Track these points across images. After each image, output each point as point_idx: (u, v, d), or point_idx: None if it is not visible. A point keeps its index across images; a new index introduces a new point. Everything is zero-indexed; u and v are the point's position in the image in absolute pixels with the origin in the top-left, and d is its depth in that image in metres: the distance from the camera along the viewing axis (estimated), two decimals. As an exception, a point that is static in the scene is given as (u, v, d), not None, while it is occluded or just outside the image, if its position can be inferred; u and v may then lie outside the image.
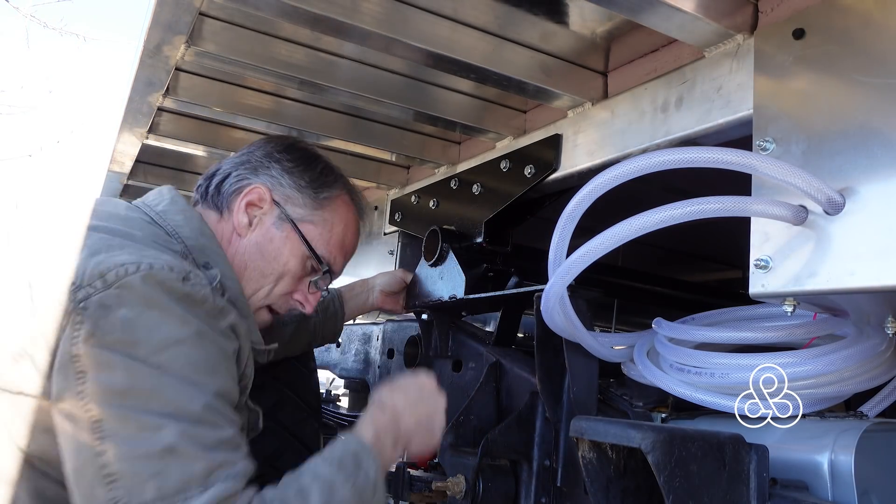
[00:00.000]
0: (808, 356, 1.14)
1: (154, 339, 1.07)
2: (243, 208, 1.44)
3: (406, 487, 1.60)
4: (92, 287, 1.07)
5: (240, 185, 1.45)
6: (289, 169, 1.48)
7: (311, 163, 1.52)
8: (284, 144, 1.53)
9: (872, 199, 0.96)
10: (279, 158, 1.48)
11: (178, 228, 1.33)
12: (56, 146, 10.45)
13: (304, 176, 1.49)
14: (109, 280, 1.07)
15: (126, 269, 1.08)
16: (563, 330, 1.36)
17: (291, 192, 1.47)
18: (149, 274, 1.09)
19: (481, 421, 1.61)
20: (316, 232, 1.49)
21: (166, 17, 1.36)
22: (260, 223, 1.45)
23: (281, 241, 1.45)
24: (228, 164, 1.50)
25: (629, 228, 1.03)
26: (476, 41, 1.44)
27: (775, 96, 1.13)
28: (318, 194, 1.49)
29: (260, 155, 1.49)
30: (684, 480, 0.99)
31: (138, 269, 1.09)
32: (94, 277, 1.07)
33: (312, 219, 1.49)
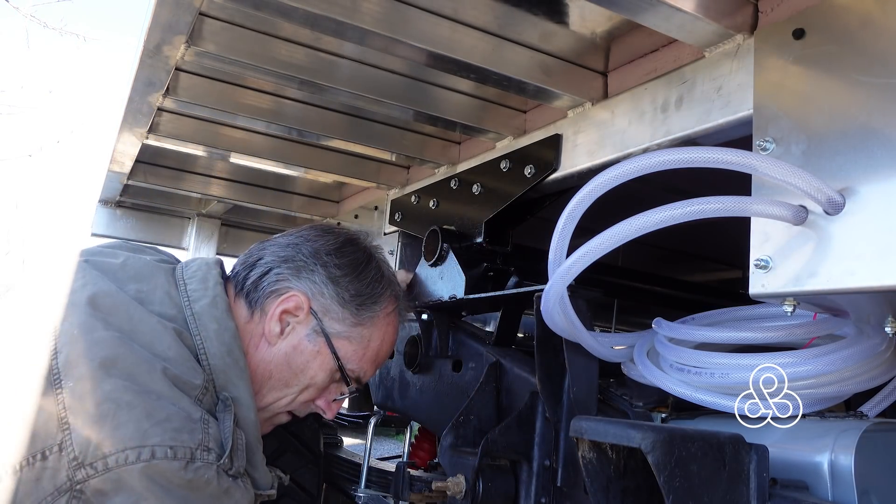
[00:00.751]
0: (808, 356, 1.14)
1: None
2: (277, 316, 1.36)
3: (406, 487, 1.60)
4: (92, 468, 1.04)
5: (278, 288, 1.36)
6: (335, 277, 1.39)
7: (361, 272, 1.42)
8: (337, 243, 1.42)
9: (872, 199, 0.96)
10: (326, 262, 1.39)
11: (207, 342, 1.26)
12: (56, 146, 10.46)
13: (350, 288, 1.40)
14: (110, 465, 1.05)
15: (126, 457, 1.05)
16: (563, 330, 1.36)
17: (332, 304, 1.39)
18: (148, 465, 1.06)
19: (481, 421, 1.61)
20: (351, 349, 1.42)
21: (166, 17, 1.36)
22: (292, 332, 1.37)
23: (311, 355, 1.39)
24: (271, 257, 1.39)
25: (629, 228, 1.03)
26: (476, 41, 1.44)
27: (775, 96, 1.13)
28: (360, 313, 1.41)
29: (307, 253, 1.39)
30: (684, 480, 0.99)
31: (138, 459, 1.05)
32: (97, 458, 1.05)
33: (350, 335, 1.41)
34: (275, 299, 1.36)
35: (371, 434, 2.14)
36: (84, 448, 1.05)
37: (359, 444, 2.75)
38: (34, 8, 8.73)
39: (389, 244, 2.41)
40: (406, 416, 2.15)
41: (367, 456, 2.06)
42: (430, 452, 2.28)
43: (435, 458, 2.16)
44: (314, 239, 1.42)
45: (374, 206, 2.57)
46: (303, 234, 1.43)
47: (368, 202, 2.64)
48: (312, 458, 2.11)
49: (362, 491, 1.96)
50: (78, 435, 1.06)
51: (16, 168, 10.19)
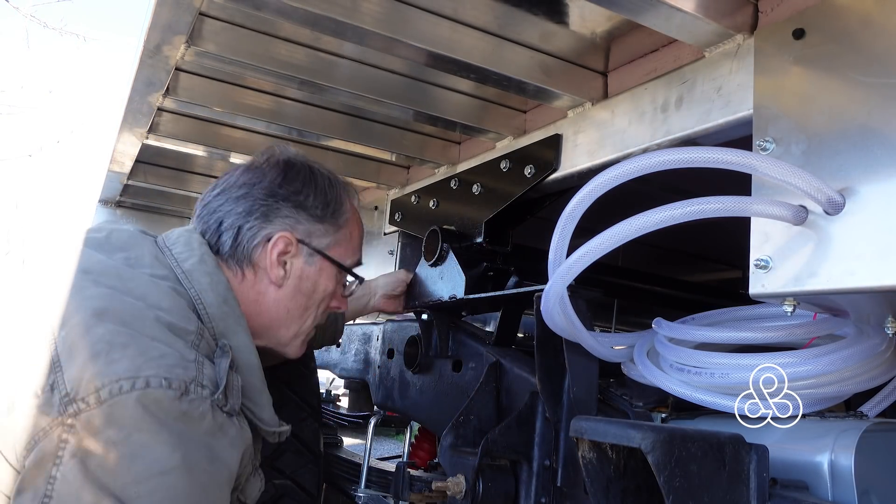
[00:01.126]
0: (808, 356, 1.14)
1: (135, 469, 1.01)
2: (277, 262, 1.39)
3: (406, 487, 1.60)
4: (84, 402, 1.02)
5: (258, 241, 1.38)
6: (299, 203, 1.42)
7: (315, 185, 1.46)
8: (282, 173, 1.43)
9: (872, 199, 0.96)
10: (285, 195, 1.41)
11: (203, 294, 1.28)
12: (56, 146, 10.46)
13: (317, 203, 1.44)
14: (103, 397, 1.02)
15: (120, 387, 1.03)
16: (563, 330, 1.36)
17: (311, 225, 1.43)
18: (143, 394, 1.03)
19: (481, 421, 1.61)
20: (342, 250, 1.49)
21: (166, 17, 1.36)
22: (292, 267, 1.41)
23: (316, 275, 1.45)
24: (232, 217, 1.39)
25: (629, 228, 1.03)
26: (476, 41, 1.44)
27: (775, 96, 1.13)
28: (336, 218, 1.47)
29: (263, 196, 1.40)
30: (684, 480, 0.99)
31: (133, 388, 1.03)
32: (89, 392, 1.02)
33: (337, 240, 1.48)
34: (263, 249, 1.39)
35: (371, 434, 2.14)
36: (76, 384, 1.03)
37: (359, 444, 2.75)
38: (34, 8, 8.73)
39: (389, 244, 2.41)
40: (406, 416, 2.15)
41: (367, 456, 2.06)
42: (430, 452, 2.29)
43: (435, 458, 2.16)
44: (259, 180, 1.42)
45: (374, 206, 2.57)
46: (244, 180, 1.43)
47: (368, 202, 2.64)
48: (312, 458, 2.11)
49: (362, 491, 1.96)
50: (70, 373, 1.04)
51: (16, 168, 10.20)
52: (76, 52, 15.02)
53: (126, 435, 1.01)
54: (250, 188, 1.41)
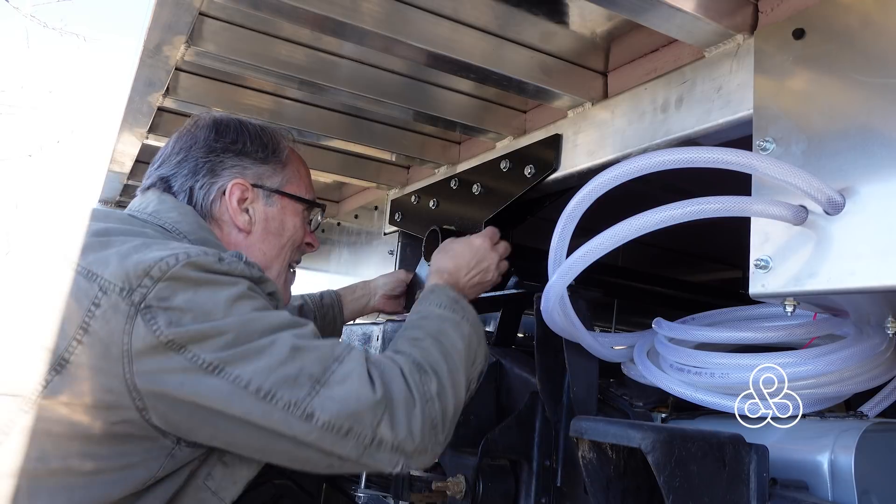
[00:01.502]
0: (808, 356, 1.14)
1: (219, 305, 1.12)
2: (237, 209, 1.43)
3: (406, 487, 1.60)
4: (143, 287, 1.09)
5: (213, 194, 1.43)
6: (239, 151, 1.46)
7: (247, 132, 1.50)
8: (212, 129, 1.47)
9: (872, 199, 0.96)
10: (224, 147, 1.45)
11: (177, 224, 1.33)
12: (56, 146, 10.45)
13: (256, 147, 1.48)
14: (155, 276, 1.10)
15: (167, 263, 1.11)
16: (563, 330, 1.36)
17: (258, 168, 1.48)
18: (188, 262, 1.12)
19: (481, 421, 1.61)
20: (295, 186, 1.53)
21: (166, 17, 1.36)
22: (255, 211, 1.46)
23: (280, 213, 1.50)
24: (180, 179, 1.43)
25: (629, 228, 1.03)
26: (476, 41, 1.44)
27: (775, 96, 1.13)
28: (278, 156, 1.51)
29: (203, 154, 1.44)
30: (684, 480, 0.99)
31: (177, 261, 1.12)
32: (141, 277, 1.10)
33: (287, 177, 1.52)
34: (221, 202, 1.43)
35: (371, 434, 2.13)
36: (124, 277, 1.10)
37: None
38: (34, 8, 8.72)
39: (389, 244, 2.41)
40: (406, 416, 2.14)
41: (367, 456, 2.06)
42: (430, 452, 2.28)
43: (435, 458, 2.15)
44: (194, 142, 1.46)
45: (374, 206, 2.56)
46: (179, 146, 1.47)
47: (368, 202, 2.64)
48: (312, 458, 2.11)
49: (362, 491, 1.96)
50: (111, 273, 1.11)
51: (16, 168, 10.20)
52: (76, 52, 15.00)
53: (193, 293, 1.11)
54: (188, 151, 1.45)
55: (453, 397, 1.25)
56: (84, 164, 11.53)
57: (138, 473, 1.12)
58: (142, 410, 1.09)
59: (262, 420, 1.09)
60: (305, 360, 1.13)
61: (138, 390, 1.07)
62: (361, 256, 2.61)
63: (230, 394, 1.08)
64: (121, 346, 1.07)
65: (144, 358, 1.07)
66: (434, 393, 1.21)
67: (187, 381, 1.08)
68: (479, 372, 1.41)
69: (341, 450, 1.12)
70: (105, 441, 1.10)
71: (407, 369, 1.21)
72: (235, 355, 1.09)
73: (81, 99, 16.32)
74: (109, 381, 1.07)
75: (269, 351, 1.11)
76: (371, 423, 1.12)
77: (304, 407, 1.10)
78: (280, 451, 1.14)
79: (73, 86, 17.20)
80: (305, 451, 1.12)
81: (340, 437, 1.11)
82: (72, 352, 1.08)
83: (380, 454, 1.14)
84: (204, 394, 1.08)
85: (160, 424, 1.11)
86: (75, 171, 12.27)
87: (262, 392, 1.08)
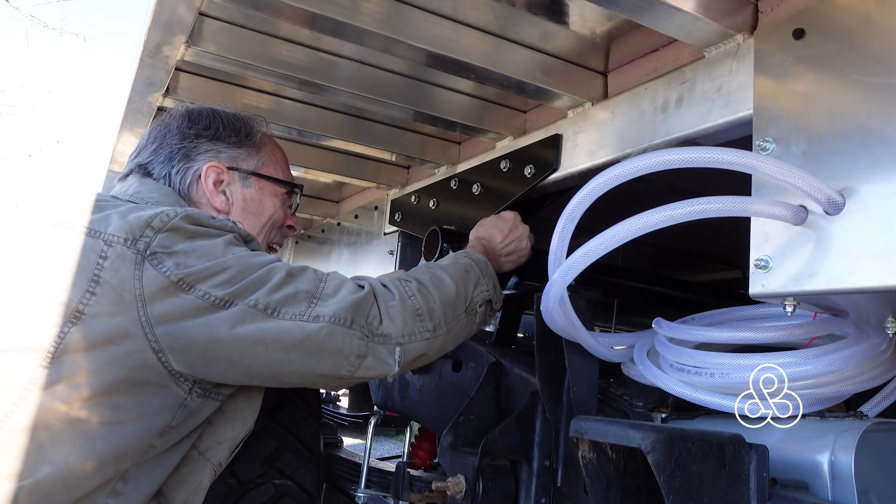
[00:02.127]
0: (808, 356, 1.14)
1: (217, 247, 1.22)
2: (214, 190, 1.48)
3: (406, 487, 1.60)
4: (146, 237, 1.17)
5: (189, 178, 1.47)
6: (212, 136, 1.50)
7: (220, 118, 1.54)
8: (184, 118, 1.51)
9: (872, 199, 0.96)
10: (196, 133, 1.49)
11: (159, 204, 1.35)
12: (56, 146, 10.46)
13: (229, 131, 1.52)
14: (156, 226, 1.18)
15: (167, 215, 1.20)
16: (563, 330, 1.36)
17: (234, 151, 1.52)
18: (185, 215, 1.22)
19: (481, 421, 1.61)
20: (272, 168, 1.57)
21: (166, 17, 1.36)
22: (232, 192, 1.51)
23: (258, 194, 1.54)
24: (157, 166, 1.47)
25: (629, 228, 1.03)
26: (476, 41, 1.44)
27: (775, 96, 1.13)
28: (251, 140, 1.55)
29: (177, 141, 1.48)
30: (684, 480, 0.99)
31: (176, 213, 1.21)
32: (143, 228, 1.18)
33: (262, 160, 1.56)
34: (198, 185, 1.47)
35: (371, 434, 2.14)
36: (127, 230, 1.17)
37: (359, 444, 2.75)
38: (34, 8, 8.73)
39: (389, 244, 2.41)
40: (406, 416, 2.15)
41: (367, 456, 2.06)
42: (430, 452, 2.28)
43: (435, 458, 2.16)
44: (168, 131, 1.50)
45: (374, 206, 2.56)
46: (154, 136, 1.51)
47: (368, 202, 2.64)
48: (312, 458, 2.11)
49: (362, 491, 1.96)
50: (114, 228, 1.18)
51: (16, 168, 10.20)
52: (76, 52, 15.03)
53: (191, 243, 1.20)
54: (162, 139, 1.49)
55: (439, 297, 1.37)
56: (84, 164, 11.53)
57: (154, 423, 1.17)
58: (158, 353, 1.14)
59: (276, 332, 1.18)
60: (299, 282, 1.25)
61: (154, 332, 1.14)
62: (361, 256, 2.61)
63: (241, 320, 1.17)
64: (133, 291, 1.13)
65: (157, 301, 1.14)
66: (414, 290, 1.35)
67: (200, 318, 1.15)
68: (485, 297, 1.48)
69: (349, 346, 1.23)
70: (124, 389, 1.14)
71: (388, 279, 1.37)
72: (240, 288, 1.19)
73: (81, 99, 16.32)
74: (125, 325, 1.13)
75: (267, 278, 1.22)
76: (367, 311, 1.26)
77: (310, 312, 1.21)
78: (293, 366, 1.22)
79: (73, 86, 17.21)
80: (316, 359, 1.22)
81: (346, 330, 1.22)
82: (86, 303, 1.13)
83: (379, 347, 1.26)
84: (216, 326, 1.16)
85: (177, 366, 1.16)
86: (75, 171, 12.27)
87: (269, 309, 1.19)
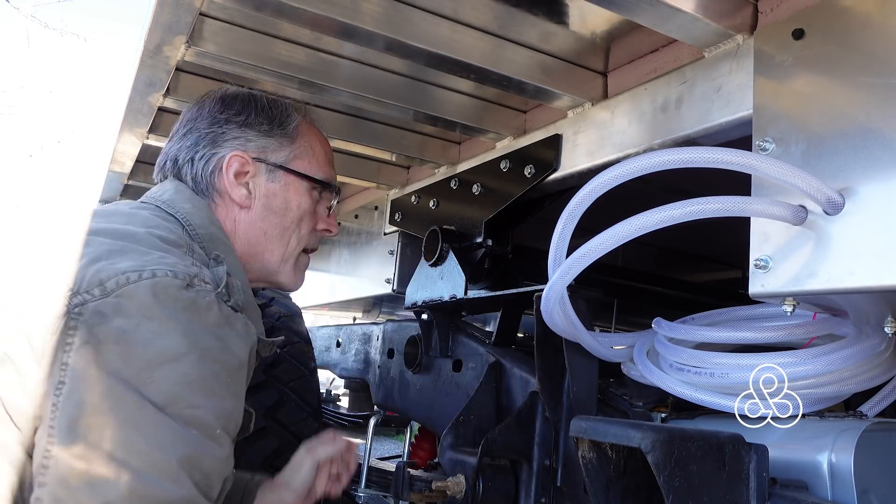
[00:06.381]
0: (808, 356, 1.14)
1: (148, 355, 1.01)
2: (234, 182, 1.39)
3: (406, 487, 1.60)
4: (89, 294, 1.02)
5: (213, 165, 1.39)
6: (243, 123, 1.42)
7: (256, 104, 1.46)
8: (220, 101, 1.45)
9: (872, 199, 0.97)
10: (227, 118, 1.42)
11: (189, 216, 1.32)
12: (56, 146, 10.47)
13: (262, 119, 1.44)
14: (109, 288, 1.02)
15: (127, 278, 1.03)
16: (563, 330, 1.36)
17: (262, 140, 1.43)
18: (151, 282, 1.03)
19: (481, 421, 1.61)
20: (306, 162, 1.47)
21: (166, 18, 1.36)
22: (256, 186, 1.41)
23: (283, 190, 1.43)
24: (182, 152, 1.42)
25: (629, 228, 1.03)
26: (476, 41, 1.44)
27: (775, 96, 1.13)
28: (286, 129, 1.45)
29: (207, 125, 1.42)
30: (684, 480, 0.99)
31: (140, 278, 1.03)
32: (93, 285, 1.02)
33: (296, 152, 1.46)
34: (220, 174, 1.39)
35: (371, 434, 2.14)
36: (80, 280, 1.04)
37: (359, 444, 2.75)
38: (34, 8, 8.75)
39: (389, 244, 2.41)
40: (406, 415, 2.15)
41: (367, 456, 2.06)
42: (430, 452, 2.29)
43: (435, 458, 2.16)
44: (199, 114, 1.44)
45: (374, 206, 2.57)
46: (187, 119, 1.45)
47: (368, 202, 2.64)
48: (312, 458, 2.11)
49: (362, 491, 1.96)
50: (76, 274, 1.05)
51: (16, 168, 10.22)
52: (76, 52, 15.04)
53: (136, 323, 1.01)
54: (193, 123, 1.44)
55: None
56: (84, 165, 11.54)
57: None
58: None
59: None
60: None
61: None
62: (361, 256, 2.62)
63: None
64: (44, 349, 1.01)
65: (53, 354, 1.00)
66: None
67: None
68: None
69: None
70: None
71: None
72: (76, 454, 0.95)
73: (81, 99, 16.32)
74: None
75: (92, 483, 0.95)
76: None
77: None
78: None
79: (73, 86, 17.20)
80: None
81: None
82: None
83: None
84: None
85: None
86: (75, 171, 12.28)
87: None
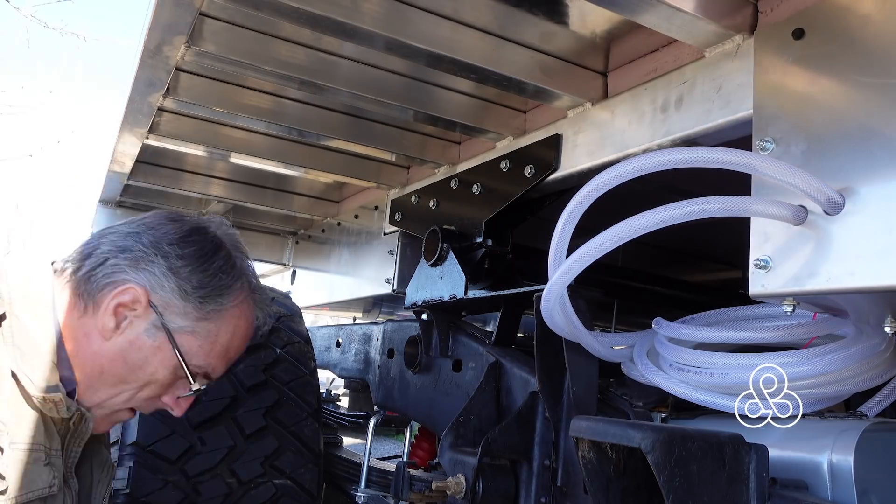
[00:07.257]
0: (808, 356, 1.14)
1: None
2: (112, 310, 1.25)
3: (406, 487, 1.60)
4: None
5: (113, 280, 1.26)
6: (176, 269, 1.28)
7: (205, 262, 1.32)
8: (181, 232, 1.32)
9: (872, 199, 0.97)
10: (168, 253, 1.29)
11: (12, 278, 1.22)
12: (56, 146, 10.47)
13: (193, 279, 1.30)
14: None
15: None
16: (563, 330, 1.36)
17: (173, 297, 1.28)
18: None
19: (481, 421, 1.61)
20: (196, 344, 1.31)
21: (166, 18, 1.37)
22: (130, 326, 1.27)
23: (151, 351, 1.28)
24: (108, 246, 1.30)
25: (629, 228, 1.03)
26: (476, 41, 1.44)
27: (775, 96, 1.13)
28: (205, 306, 1.30)
29: (147, 243, 1.29)
30: (684, 480, 0.99)
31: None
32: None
33: (194, 329, 1.30)
34: (109, 292, 1.26)
35: (371, 434, 2.14)
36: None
37: (359, 444, 2.76)
38: (35, 8, 8.75)
39: (389, 244, 2.41)
40: (406, 415, 2.15)
41: (367, 456, 2.07)
42: (430, 452, 2.29)
43: (435, 458, 2.16)
44: (157, 227, 1.32)
45: (374, 206, 2.57)
46: (145, 222, 1.33)
47: (368, 202, 2.64)
48: (312, 458, 2.11)
49: (362, 491, 1.96)
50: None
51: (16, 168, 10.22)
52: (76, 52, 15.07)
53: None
54: (144, 231, 1.32)
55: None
56: (84, 164, 11.53)
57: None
58: None
59: None
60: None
61: None
62: (361, 256, 2.62)
63: None
64: None
65: None
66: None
67: None
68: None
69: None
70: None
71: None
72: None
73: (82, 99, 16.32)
74: None
75: None
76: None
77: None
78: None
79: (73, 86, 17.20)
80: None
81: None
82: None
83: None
84: None
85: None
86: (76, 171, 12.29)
87: None
